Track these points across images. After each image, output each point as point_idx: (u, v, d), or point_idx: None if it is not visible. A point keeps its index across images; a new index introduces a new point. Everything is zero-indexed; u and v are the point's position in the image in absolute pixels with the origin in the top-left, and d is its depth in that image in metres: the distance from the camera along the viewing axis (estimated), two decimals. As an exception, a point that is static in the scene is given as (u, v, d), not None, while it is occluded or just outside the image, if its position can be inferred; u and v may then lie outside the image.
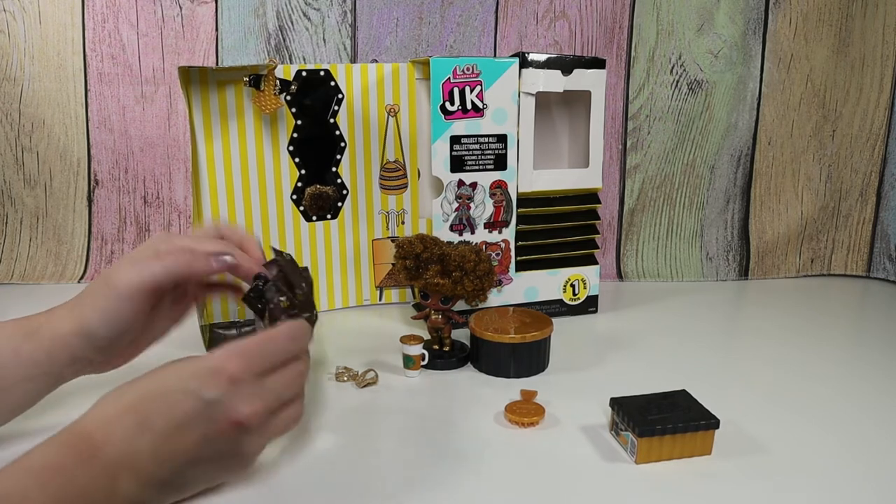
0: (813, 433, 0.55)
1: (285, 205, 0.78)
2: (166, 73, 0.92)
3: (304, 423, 0.55)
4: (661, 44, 0.97)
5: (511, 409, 0.56)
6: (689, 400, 0.53)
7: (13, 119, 0.91)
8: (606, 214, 1.01)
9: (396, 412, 0.58)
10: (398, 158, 0.83)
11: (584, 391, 0.61)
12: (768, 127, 1.00)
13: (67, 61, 0.91)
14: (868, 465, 0.50)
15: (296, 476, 0.48)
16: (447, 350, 0.69)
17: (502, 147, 0.75)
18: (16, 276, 0.94)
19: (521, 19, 0.96)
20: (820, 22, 0.97)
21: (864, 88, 0.99)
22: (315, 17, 0.93)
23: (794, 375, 0.66)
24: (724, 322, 0.85)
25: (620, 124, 0.99)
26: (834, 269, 1.06)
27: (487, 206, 0.76)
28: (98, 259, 0.95)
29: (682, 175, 1.01)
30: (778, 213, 1.03)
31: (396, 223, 0.85)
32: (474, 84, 0.73)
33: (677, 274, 1.01)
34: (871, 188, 1.03)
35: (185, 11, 0.91)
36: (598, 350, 0.72)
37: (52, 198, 0.94)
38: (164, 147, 0.94)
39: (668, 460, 0.50)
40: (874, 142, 1.01)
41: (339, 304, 0.85)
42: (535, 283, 0.80)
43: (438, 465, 0.49)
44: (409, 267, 0.66)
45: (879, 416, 0.58)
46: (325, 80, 0.77)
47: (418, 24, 0.95)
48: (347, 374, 0.64)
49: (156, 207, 0.96)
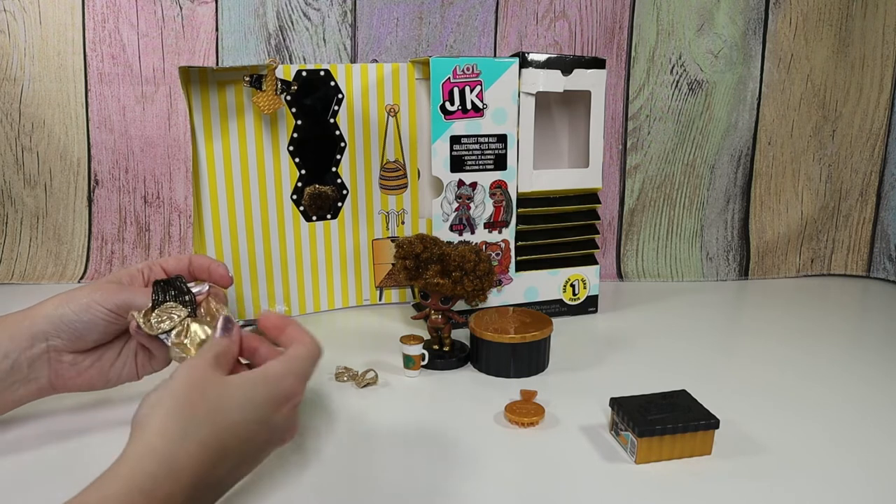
0: (813, 433, 0.55)
1: (285, 205, 0.78)
2: (166, 73, 0.92)
3: (304, 423, 0.55)
4: (661, 44, 0.97)
5: (511, 409, 0.56)
6: (689, 400, 0.53)
7: (13, 119, 0.91)
8: (606, 214, 1.01)
9: (396, 412, 0.58)
10: (398, 158, 0.83)
11: (584, 391, 0.61)
12: (768, 127, 1.00)
13: (67, 61, 0.91)
14: (868, 465, 0.50)
15: (295, 476, 0.48)
16: (447, 350, 0.69)
17: (502, 147, 0.75)
18: (16, 276, 0.94)
19: (521, 19, 0.96)
20: (820, 22, 0.97)
21: (864, 88, 0.99)
22: (315, 17, 0.93)
23: (794, 375, 0.66)
24: (724, 322, 0.85)
25: (620, 124, 0.99)
26: (834, 269, 1.06)
27: (487, 206, 0.76)
28: (98, 259, 0.95)
29: (682, 175, 1.01)
30: (778, 213, 1.03)
31: (396, 223, 0.85)
32: (474, 84, 0.73)
33: (677, 274, 1.01)
34: (871, 188, 1.03)
35: (185, 11, 0.91)
36: (598, 350, 0.72)
37: (52, 198, 0.94)
38: (165, 147, 0.94)
39: (668, 460, 0.50)
40: (874, 142, 1.01)
41: (339, 304, 0.85)
42: (535, 283, 0.80)
43: (438, 465, 0.49)
44: (409, 267, 0.66)
45: (879, 416, 0.58)
46: (325, 80, 0.77)
47: (418, 24, 0.95)
48: (347, 374, 0.64)
49: (156, 207, 0.96)
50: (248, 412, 0.41)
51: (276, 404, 0.42)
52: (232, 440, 0.40)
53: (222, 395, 0.41)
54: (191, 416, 0.38)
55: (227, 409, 0.40)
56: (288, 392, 0.43)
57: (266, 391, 0.42)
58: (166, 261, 0.55)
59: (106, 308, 0.49)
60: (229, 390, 0.41)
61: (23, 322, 0.49)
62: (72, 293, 0.50)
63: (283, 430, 0.44)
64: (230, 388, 0.41)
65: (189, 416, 0.38)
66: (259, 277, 0.78)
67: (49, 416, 0.55)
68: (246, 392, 0.41)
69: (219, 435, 0.39)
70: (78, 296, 0.50)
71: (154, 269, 0.54)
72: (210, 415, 0.39)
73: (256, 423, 0.41)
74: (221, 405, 0.40)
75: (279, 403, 0.43)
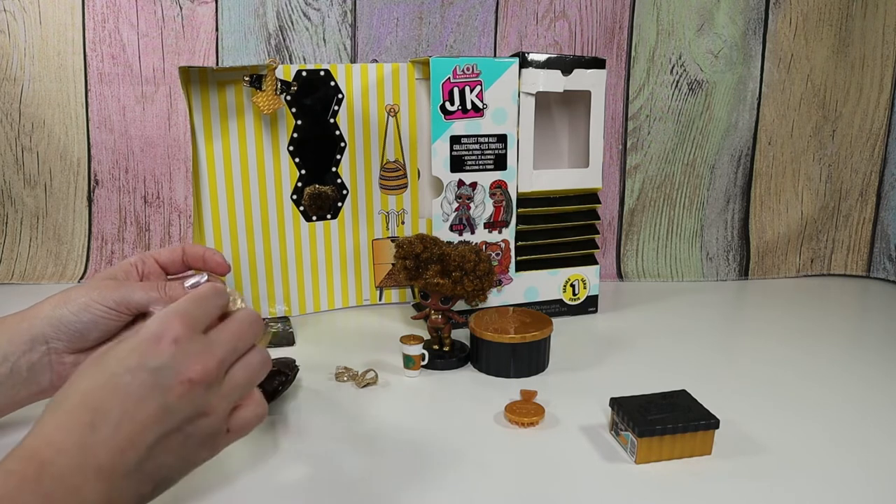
0: (813, 433, 0.55)
1: (285, 205, 0.78)
2: (166, 73, 0.92)
3: (304, 423, 0.55)
4: (661, 44, 0.97)
5: (511, 409, 0.56)
6: (689, 400, 0.53)
7: (13, 119, 0.91)
8: (606, 214, 1.01)
9: (396, 412, 0.58)
10: (398, 158, 0.83)
11: (584, 391, 0.61)
12: (768, 127, 1.00)
13: (67, 61, 0.91)
14: (868, 465, 0.50)
15: (295, 476, 0.48)
16: (447, 350, 0.69)
17: (502, 147, 0.75)
18: (16, 276, 0.94)
19: (521, 19, 0.96)
20: (820, 22, 0.97)
21: (864, 88, 0.99)
22: (315, 17, 0.93)
23: (794, 375, 0.66)
24: (724, 322, 0.85)
25: (620, 124, 0.99)
26: (834, 269, 1.06)
27: (487, 206, 0.76)
28: (98, 259, 0.95)
29: (682, 175, 1.01)
30: (778, 213, 1.03)
31: (396, 223, 0.85)
32: (474, 84, 0.73)
33: (677, 274, 1.01)
34: (871, 188, 1.03)
35: (185, 11, 0.91)
36: (598, 350, 0.72)
37: (52, 198, 0.94)
38: (165, 147, 0.94)
39: (668, 460, 0.50)
40: (874, 142, 1.01)
41: (339, 304, 0.85)
42: (535, 283, 0.80)
43: (438, 465, 0.49)
44: (409, 267, 0.66)
45: (879, 416, 0.58)
46: (325, 80, 0.77)
47: (418, 24, 0.95)
48: (347, 374, 0.64)
49: (156, 207, 0.96)
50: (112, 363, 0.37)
51: (144, 348, 0.38)
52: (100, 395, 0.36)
53: (93, 359, 0.39)
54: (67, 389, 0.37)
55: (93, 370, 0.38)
56: (156, 330, 0.38)
57: (130, 338, 0.39)
58: (159, 253, 0.55)
59: (105, 306, 0.49)
60: (112, 350, 0.38)
61: (20, 324, 0.49)
62: (68, 293, 0.50)
63: (176, 371, 0.38)
64: (113, 349, 0.39)
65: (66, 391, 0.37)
66: (259, 277, 0.78)
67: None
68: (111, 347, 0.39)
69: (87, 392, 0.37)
70: (75, 296, 0.49)
71: (147, 262, 0.54)
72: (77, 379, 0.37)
73: (126, 371, 0.37)
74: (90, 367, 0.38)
75: (147, 346, 0.38)
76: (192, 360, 0.38)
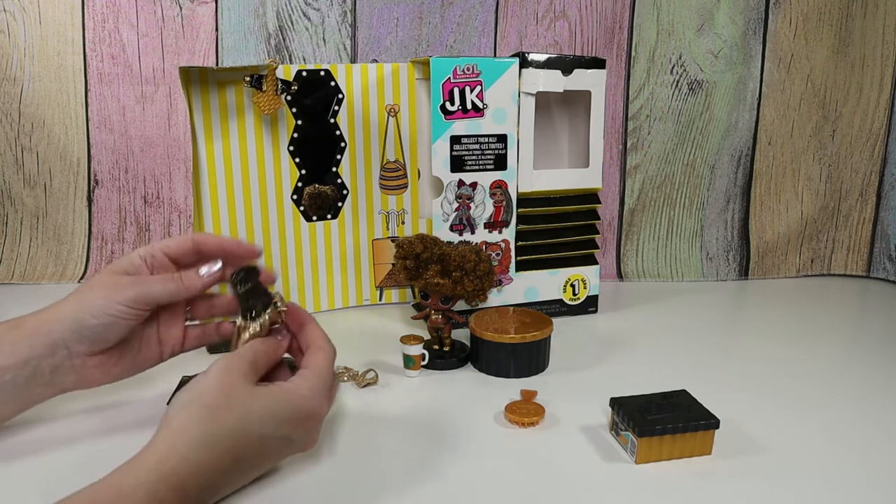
0: (813, 433, 0.55)
1: (285, 205, 0.78)
2: (166, 73, 0.92)
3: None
4: (661, 44, 0.97)
5: (511, 409, 0.56)
6: (689, 400, 0.53)
7: (13, 119, 0.91)
8: (606, 214, 1.01)
9: (396, 412, 0.58)
10: (398, 158, 0.83)
11: (584, 391, 0.61)
12: (768, 127, 1.00)
13: (67, 61, 0.91)
14: (868, 464, 0.50)
15: (295, 477, 0.48)
16: (447, 350, 0.69)
17: (502, 147, 0.75)
18: (16, 276, 0.94)
19: (521, 19, 0.96)
20: (820, 22, 0.97)
21: (864, 88, 0.99)
22: (315, 17, 0.93)
23: (794, 375, 0.66)
24: (724, 322, 0.85)
25: (620, 124, 0.99)
26: (834, 269, 1.06)
27: (487, 206, 0.76)
28: (98, 259, 0.95)
29: (682, 175, 1.01)
30: (778, 213, 1.03)
31: (396, 223, 0.85)
32: (474, 84, 0.73)
33: (677, 274, 1.01)
34: (871, 188, 1.03)
35: (185, 11, 0.91)
36: (598, 350, 0.72)
37: (52, 198, 0.94)
38: (164, 147, 0.94)
39: (668, 460, 0.50)
40: (874, 142, 1.01)
41: (339, 304, 0.85)
42: (535, 283, 0.80)
43: (438, 465, 0.49)
44: (409, 267, 0.66)
45: (879, 416, 0.58)
46: (325, 80, 0.77)
47: (418, 24, 0.95)
48: (347, 374, 0.64)
49: (156, 207, 0.96)
50: (270, 427, 0.43)
51: (298, 422, 0.44)
52: (249, 451, 0.42)
53: (247, 405, 0.42)
54: (215, 424, 0.41)
55: (250, 422, 0.42)
56: (312, 411, 0.45)
57: (290, 409, 0.44)
58: (167, 246, 0.52)
59: (125, 306, 0.48)
60: (255, 402, 0.43)
61: (40, 328, 0.48)
62: (85, 296, 0.49)
63: (303, 444, 0.46)
64: (256, 400, 0.43)
65: (213, 424, 0.41)
66: (259, 277, 0.78)
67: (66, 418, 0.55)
68: (270, 407, 0.43)
69: (238, 445, 0.41)
70: (92, 298, 0.48)
71: (157, 257, 0.52)
72: (233, 424, 0.41)
73: (276, 438, 0.43)
74: (245, 416, 0.42)
75: (302, 420, 0.45)
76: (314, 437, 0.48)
